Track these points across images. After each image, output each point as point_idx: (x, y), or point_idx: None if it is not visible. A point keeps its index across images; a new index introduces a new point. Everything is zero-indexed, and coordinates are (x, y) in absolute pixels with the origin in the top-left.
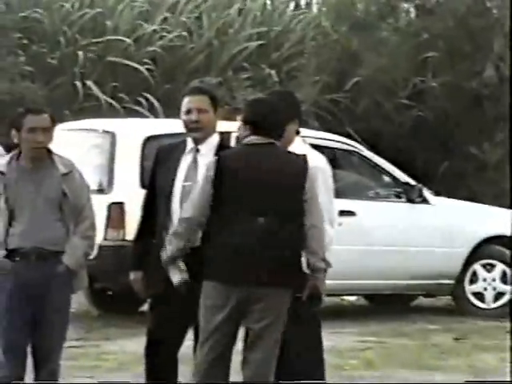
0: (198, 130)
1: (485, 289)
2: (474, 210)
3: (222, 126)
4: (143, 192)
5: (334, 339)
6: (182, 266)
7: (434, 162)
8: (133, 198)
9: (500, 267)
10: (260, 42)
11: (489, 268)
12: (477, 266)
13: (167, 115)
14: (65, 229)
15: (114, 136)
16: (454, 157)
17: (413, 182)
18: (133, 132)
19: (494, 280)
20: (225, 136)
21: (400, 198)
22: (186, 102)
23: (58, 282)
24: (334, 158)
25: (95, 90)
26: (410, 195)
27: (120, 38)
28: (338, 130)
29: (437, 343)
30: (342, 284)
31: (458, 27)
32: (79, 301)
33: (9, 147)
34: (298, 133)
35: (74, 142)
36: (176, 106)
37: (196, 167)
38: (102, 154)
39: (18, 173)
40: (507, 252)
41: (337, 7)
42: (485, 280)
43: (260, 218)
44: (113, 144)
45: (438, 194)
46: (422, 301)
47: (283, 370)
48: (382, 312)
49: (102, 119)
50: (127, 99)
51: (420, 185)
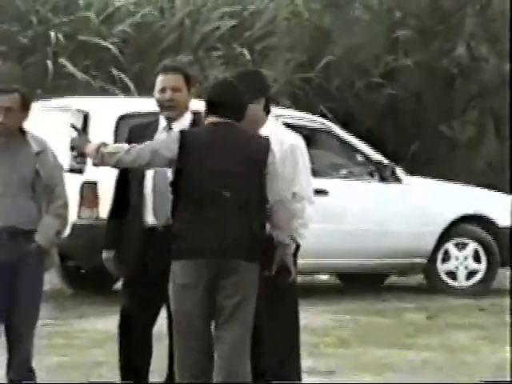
0: (172, 109)
1: (457, 267)
2: (447, 189)
3: (195, 104)
4: (116, 171)
5: (308, 317)
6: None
7: (405, 140)
8: (106, 177)
9: (472, 246)
10: (232, 22)
11: (461, 247)
12: (449, 245)
13: (139, 93)
14: (37, 208)
15: (87, 115)
16: (425, 136)
17: (385, 160)
18: (106, 111)
19: (466, 259)
20: (197, 115)
21: (373, 176)
22: (160, 81)
23: (31, 261)
24: (307, 136)
25: (70, 67)
26: (383, 174)
27: (89, 14)
28: (310, 109)
29: (410, 321)
30: (314, 263)
31: (431, 6)
32: (52, 280)
33: None
34: (268, 112)
35: (48, 121)
36: (148, 84)
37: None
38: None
39: None
40: (480, 231)
41: None
42: (457, 259)
43: (225, 192)
44: (86, 123)
45: (410, 173)
46: (395, 280)
47: (258, 348)
48: (354, 291)
49: (75, 98)
50: (100, 77)
51: (393, 164)
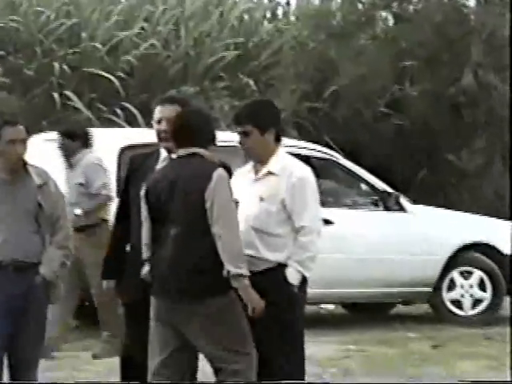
0: (168, 140)
1: (462, 296)
2: (451, 218)
3: None
4: (117, 201)
5: (313, 348)
6: None
7: (412, 169)
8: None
9: (477, 274)
10: (237, 52)
11: (466, 275)
12: (454, 273)
13: (145, 125)
14: (41, 240)
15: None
16: (432, 164)
17: (390, 189)
18: (109, 142)
19: (471, 287)
20: None
21: (377, 206)
22: (157, 112)
23: (36, 294)
24: (312, 166)
25: (74, 99)
26: (388, 203)
27: (95, 45)
28: (316, 139)
29: (416, 351)
30: (320, 293)
31: (436, 35)
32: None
33: None
34: (278, 141)
35: (51, 153)
36: (153, 115)
37: None
38: None
39: None
40: (485, 259)
41: (314, 16)
42: (462, 287)
43: (172, 229)
44: None
45: (415, 201)
46: (401, 308)
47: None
48: (360, 320)
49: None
50: (104, 109)
51: (397, 193)
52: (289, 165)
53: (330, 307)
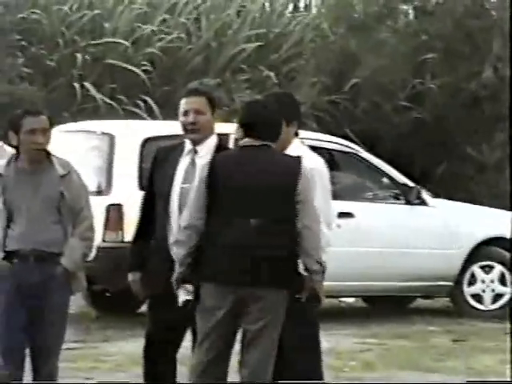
0: (195, 132)
1: (483, 290)
2: (473, 212)
3: (221, 127)
4: (142, 194)
5: (333, 341)
6: (190, 287)
7: (432, 163)
8: (131, 199)
9: (498, 269)
10: (258, 44)
11: (487, 270)
12: (475, 268)
13: (165, 117)
14: (63, 230)
15: (113, 138)
16: (452, 158)
17: (411, 183)
18: (131, 134)
19: (492, 282)
20: (223, 138)
21: (398, 199)
22: (184, 104)
23: (57, 284)
24: (333, 159)
25: (93, 91)
26: (409, 197)
27: (118, 40)
28: (336, 132)
29: (436, 345)
30: (340, 285)
31: (457, 28)
32: (78, 302)
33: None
34: (296, 134)
35: (73, 144)
36: (174, 107)
37: (194, 169)
38: (100, 156)
39: (16, 174)
40: (506, 253)
41: (335, 9)
42: (483, 282)
43: (253, 219)
44: (111, 146)
45: (436, 195)
46: (421, 302)
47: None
48: (380, 314)
49: (100, 121)
50: (126, 101)
51: (418, 186)
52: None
53: (350, 300)
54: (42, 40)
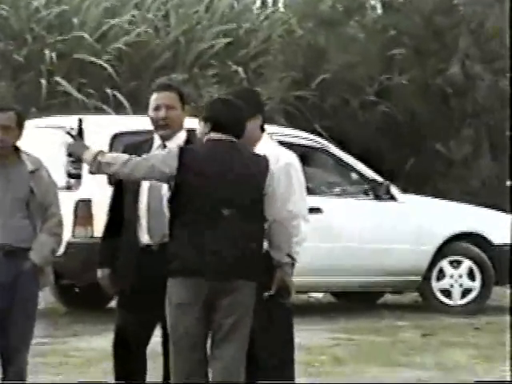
0: (166, 127)
1: (452, 285)
2: (441, 207)
3: (189, 123)
4: (111, 189)
5: (302, 336)
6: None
7: (400, 159)
8: (100, 195)
9: (467, 264)
10: (227, 40)
11: (456, 265)
12: (444, 263)
13: (134, 112)
14: (32, 226)
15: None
16: (420, 154)
17: (380, 178)
18: (100, 129)
19: (460, 277)
20: (191, 133)
21: (367, 194)
22: (155, 99)
23: (25, 279)
24: (301, 154)
25: (66, 85)
26: (378, 192)
27: (85, 34)
28: (305, 127)
29: (405, 340)
30: (309, 281)
31: (425, 24)
32: (47, 298)
33: None
34: (263, 129)
35: (42, 139)
36: (142, 102)
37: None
38: None
39: None
40: (474, 248)
41: (303, 4)
42: (452, 276)
43: (225, 210)
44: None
45: (405, 190)
46: (389, 297)
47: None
48: (349, 309)
49: (68, 116)
50: (95, 95)
51: (387, 182)
52: (274, 151)
53: (319, 295)
54: (10, 36)
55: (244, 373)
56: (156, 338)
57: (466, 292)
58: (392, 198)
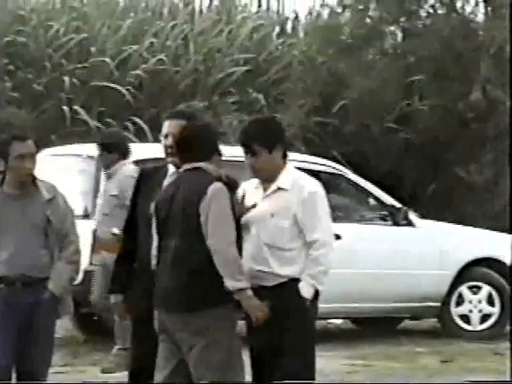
0: (174, 155)
1: (471, 311)
2: (460, 233)
3: None
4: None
5: (321, 362)
6: None
7: (421, 184)
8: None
9: (486, 289)
10: (247, 68)
11: (475, 290)
12: (463, 288)
13: (155, 139)
14: (50, 255)
15: (99, 161)
16: (441, 179)
17: (398, 204)
18: None
19: (480, 302)
20: None
21: (386, 220)
22: (165, 127)
23: (44, 309)
24: (320, 181)
25: (82, 113)
26: (396, 218)
27: (104, 59)
28: (324, 153)
29: (424, 366)
30: (328, 307)
31: (444, 50)
32: (65, 326)
33: None
34: (285, 157)
35: (60, 167)
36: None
37: None
38: (86, 179)
39: (2, 200)
40: (493, 274)
41: (323, 31)
42: (471, 302)
43: (171, 241)
44: (98, 169)
45: (424, 216)
46: (408, 323)
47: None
48: (368, 335)
49: (86, 144)
50: (114, 123)
51: (406, 208)
52: (299, 179)
53: (338, 322)
54: (29, 64)
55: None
56: None
57: (485, 317)
58: (410, 223)
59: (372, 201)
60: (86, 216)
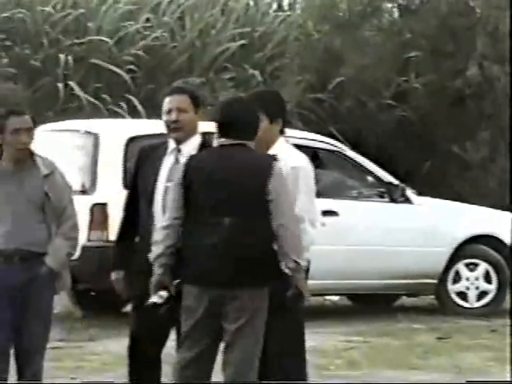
0: (178, 130)
1: (468, 288)
2: (457, 210)
3: (205, 126)
4: (126, 192)
5: (318, 339)
6: (164, 293)
7: (417, 161)
8: (116, 198)
9: (483, 266)
10: (242, 42)
11: (472, 267)
12: (460, 266)
13: (149, 116)
14: (47, 230)
15: (97, 137)
16: (437, 156)
17: (396, 181)
18: (115, 133)
19: (477, 279)
20: (207, 136)
21: (383, 197)
22: (167, 102)
23: (41, 284)
24: (317, 157)
25: (77, 90)
26: (393, 195)
27: (102, 38)
28: (321, 130)
29: (420, 342)
30: (325, 284)
31: (441, 26)
32: (63, 302)
33: None
34: (282, 132)
35: (57, 143)
36: (158, 106)
37: (178, 167)
38: (84, 155)
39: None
40: (490, 251)
41: (319, 7)
42: (468, 279)
43: (226, 218)
44: (96, 145)
45: (420, 193)
46: (405, 300)
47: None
48: (365, 312)
49: (84, 120)
50: (110, 100)
51: (403, 184)
52: (284, 154)
53: (335, 298)
54: (26, 40)
55: (256, 375)
56: (171, 342)
57: (482, 294)
58: (407, 200)
59: (369, 178)
60: (84, 192)
